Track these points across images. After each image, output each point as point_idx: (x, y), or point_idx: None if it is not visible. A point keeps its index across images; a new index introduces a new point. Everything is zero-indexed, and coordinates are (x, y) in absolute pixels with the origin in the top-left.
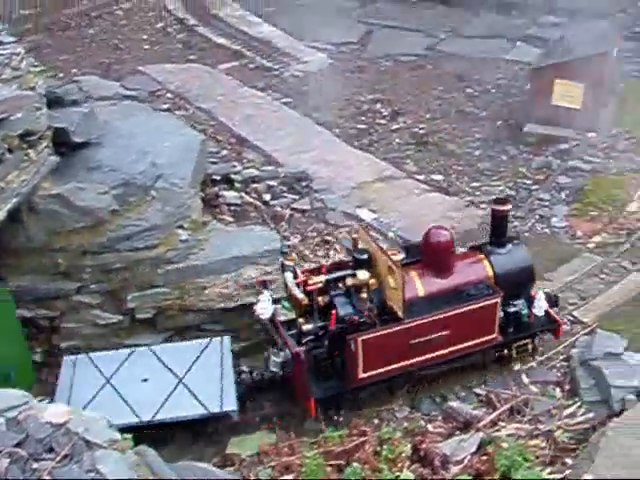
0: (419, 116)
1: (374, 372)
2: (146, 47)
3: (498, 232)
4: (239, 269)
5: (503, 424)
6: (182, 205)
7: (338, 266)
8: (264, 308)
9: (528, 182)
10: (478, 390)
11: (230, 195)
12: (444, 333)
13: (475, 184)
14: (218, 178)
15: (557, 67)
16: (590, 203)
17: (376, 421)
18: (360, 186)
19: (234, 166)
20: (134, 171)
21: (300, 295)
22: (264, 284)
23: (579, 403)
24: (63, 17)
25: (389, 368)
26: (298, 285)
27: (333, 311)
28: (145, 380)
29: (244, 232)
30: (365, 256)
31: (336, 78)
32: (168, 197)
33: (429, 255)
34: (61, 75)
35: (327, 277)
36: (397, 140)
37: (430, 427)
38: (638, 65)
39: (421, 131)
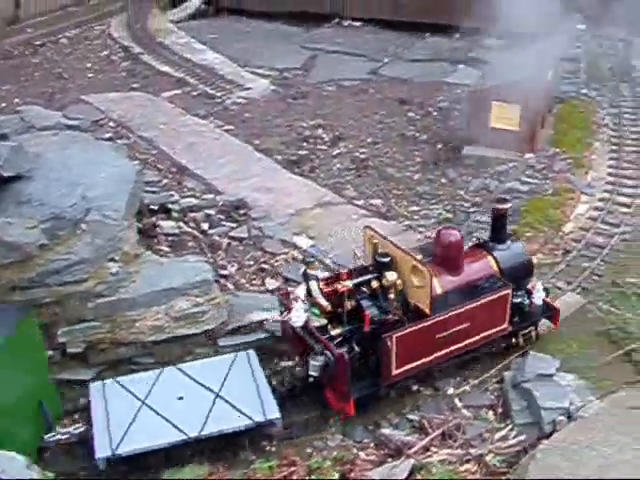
0: (360, 141)
1: (406, 367)
2: (90, 76)
3: (498, 230)
4: (170, 301)
5: (435, 449)
6: (113, 238)
7: (356, 272)
8: (298, 316)
9: (466, 205)
10: (411, 416)
11: (167, 225)
12: (464, 326)
13: (414, 208)
14: (156, 208)
15: (494, 90)
16: (527, 224)
17: (308, 450)
18: (299, 213)
19: (172, 195)
20: (64, 205)
21: (324, 302)
22: (286, 296)
23: (511, 426)
24: (7, 46)
25: (418, 363)
26: (321, 292)
27: (367, 312)
28: (181, 398)
29: (176, 263)
30: (387, 259)
31: (278, 104)
32: (99, 230)
33: (442, 254)
34: (3, 105)
35: (354, 281)
36: (338, 165)
37: (362, 455)
38: (575, 86)
39: (362, 156)
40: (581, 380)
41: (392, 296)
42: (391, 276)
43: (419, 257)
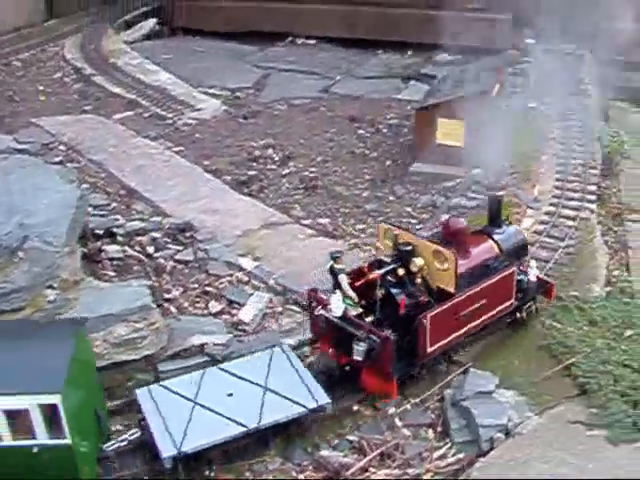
0: (310, 159)
1: (437, 345)
2: (42, 98)
3: (494, 216)
4: (109, 327)
5: (373, 470)
6: (52, 265)
7: (376, 264)
8: (337, 307)
9: (413, 222)
10: (350, 437)
11: (113, 249)
12: (482, 302)
13: (361, 226)
14: (101, 232)
15: (440, 106)
16: None
17: (247, 474)
18: (246, 234)
19: (117, 219)
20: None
21: (353, 294)
22: (314, 295)
23: (450, 444)
24: None
25: (446, 340)
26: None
27: (402, 296)
28: (230, 394)
29: (117, 289)
30: (409, 247)
31: (229, 124)
32: (37, 257)
33: (451, 240)
34: None
35: (383, 270)
36: (287, 185)
37: (301, 477)
38: (524, 100)
39: (311, 175)
40: (520, 396)
41: (419, 280)
42: (419, 262)
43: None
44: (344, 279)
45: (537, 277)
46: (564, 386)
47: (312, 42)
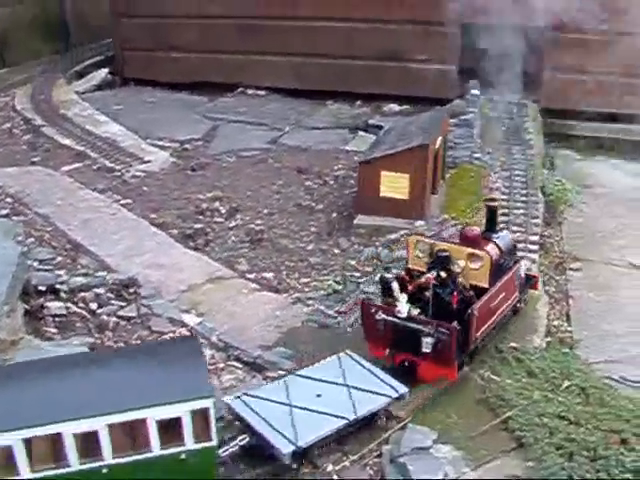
0: (257, 212)
1: (479, 332)
2: None
3: (491, 223)
4: None
5: None
6: None
7: (408, 274)
8: (404, 309)
9: (357, 274)
10: None
11: (55, 306)
12: (503, 294)
13: (305, 280)
14: (44, 289)
15: (383, 160)
16: None
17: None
18: (190, 289)
19: (60, 276)
20: None
21: (404, 298)
22: (371, 304)
23: None
24: None
25: (484, 328)
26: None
27: (455, 293)
28: (319, 395)
29: (57, 348)
30: (447, 253)
31: (177, 176)
32: None
33: (467, 245)
34: None
35: (434, 274)
36: (233, 238)
37: None
38: (468, 150)
39: (257, 227)
40: (458, 451)
41: (461, 279)
42: (462, 263)
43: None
44: (395, 285)
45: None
46: (501, 440)
47: (262, 93)
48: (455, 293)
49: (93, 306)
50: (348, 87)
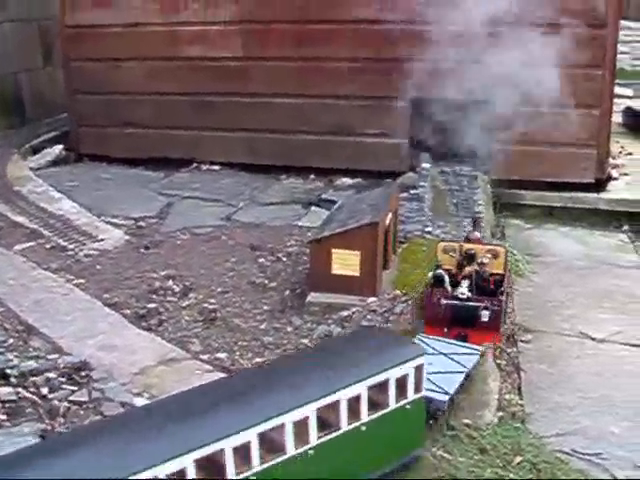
0: (210, 290)
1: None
2: None
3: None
4: None
5: None
6: None
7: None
8: (464, 293)
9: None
10: None
11: (5, 392)
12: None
13: (258, 359)
14: None
15: (334, 238)
16: None
17: None
18: (142, 371)
19: (10, 360)
20: None
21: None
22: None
23: None
24: None
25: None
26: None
27: (492, 279)
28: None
29: (6, 436)
30: (473, 251)
31: (131, 255)
32: None
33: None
34: None
35: (474, 267)
36: (186, 318)
37: None
38: (419, 224)
39: (211, 306)
40: None
41: (487, 269)
42: (485, 258)
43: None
44: (447, 279)
45: None
46: None
47: (216, 168)
48: (491, 278)
49: (44, 391)
50: (301, 162)
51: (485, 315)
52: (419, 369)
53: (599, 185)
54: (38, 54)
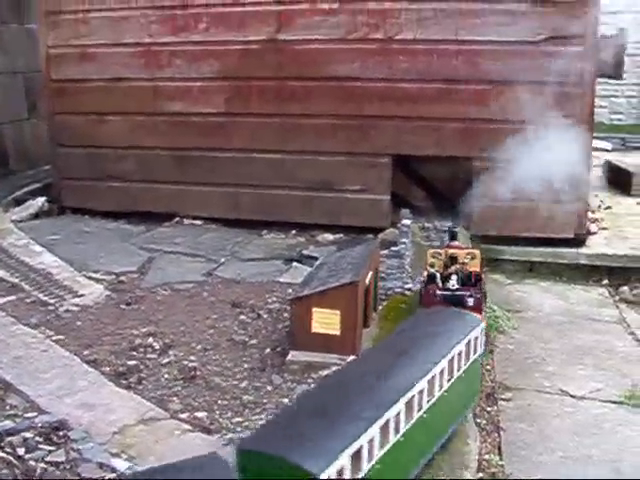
0: (191, 348)
1: None
2: None
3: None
4: None
5: None
6: None
7: (434, 273)
8: (455, 285)
9: None
10: None
11: None
12: None
13: (238, 419)
14: None
15: (314, 297)
16: None
17: None
18: (121, 431)
19: None
20: None
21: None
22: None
23: None
24: None
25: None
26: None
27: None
28: None
29: None
30: (455, 255)
31: (112, 311)
32: None
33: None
34: None
35: (458, 266)
36: (166, 376)
37: None
38: (399, 281)
39: (191, 364)
40: None
41: (467, 268)
42: (467, 259)
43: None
44: (439, 276)
45: None
46: None
47: (198, 222)
48: (472, 273)
49: (20, 451)
50: (283, 217)
51: (470, 301)
52: (480, 333)
53: (579, 240)
54: (23, 106)
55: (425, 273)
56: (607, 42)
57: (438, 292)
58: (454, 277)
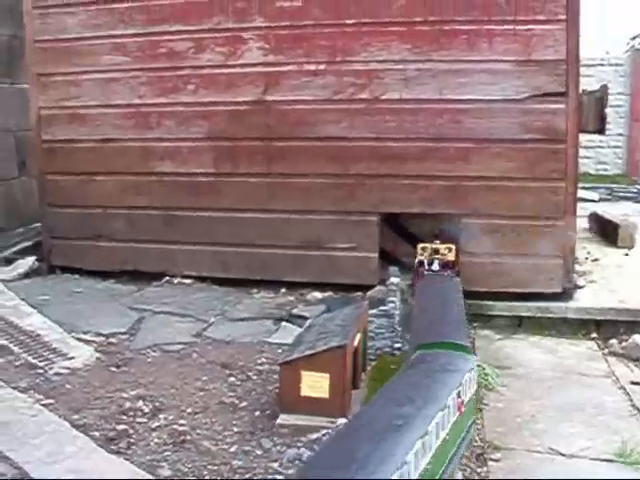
0: (180, 411)
1: None
2: None
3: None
4: None
5: None
6: None
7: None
8: (437, 267)
9: (280, 477)
10: None
11: None
12: None
13: None
14: None
15: (303, 360)
16: None
17: None
18: None
19: None
20: None
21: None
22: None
23: None
24: None
25: None
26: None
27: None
28: None
29: None
30: (437, 248)
31: (102, 373)
32: None
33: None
34: None
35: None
36: (156, 440)
37: None
38: (388, 340)
39: (181, 428)
40: None
41: (446, 257)
42: (446, 251)
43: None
44: (425, 261)
45: None
46: None
47: (188, 282)
48: (449, 262)
49: None
50: (272, 275)
51: None
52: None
53: (567, 294)
54: (13, 164)
55: (416, 260)
56: (589, 98)
57: (425, 272)
58: (436, 262)
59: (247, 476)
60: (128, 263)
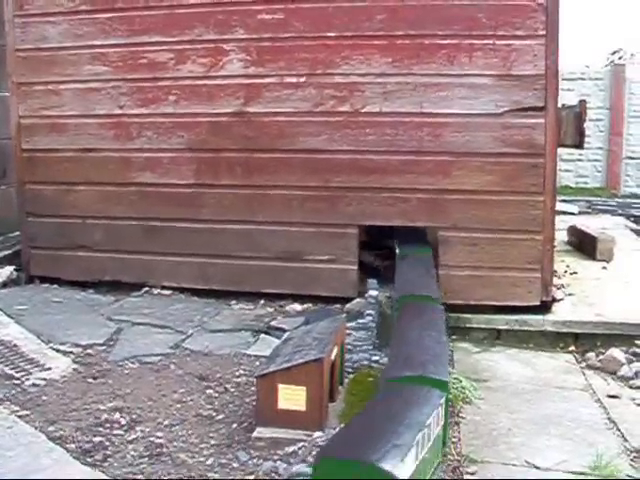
0: (157, 423)
1: None
2: None
3: None
4: None
5: None
6: None
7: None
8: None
9: None
10: None
11: None
12: None
13: None
14: None
15: (279, 373)
16: None
17: None
18: None
19: None
20: None
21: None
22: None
23: None
24: None
25: None
26: None
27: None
28: None
29: None
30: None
31: (79, 385)
32: None
33: None
34: None
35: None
36: (132, 452)
37: None
38: (366, 353)
39: (157, 440)
40: None
41: None
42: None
43: None
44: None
45: None
46: None
47: (167, 292)
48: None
49: None
50: (251, 287)
51: None
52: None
53: (545, 307)
54: None
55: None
56: (568, 112)
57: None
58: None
59: None
60: (107, 273)
